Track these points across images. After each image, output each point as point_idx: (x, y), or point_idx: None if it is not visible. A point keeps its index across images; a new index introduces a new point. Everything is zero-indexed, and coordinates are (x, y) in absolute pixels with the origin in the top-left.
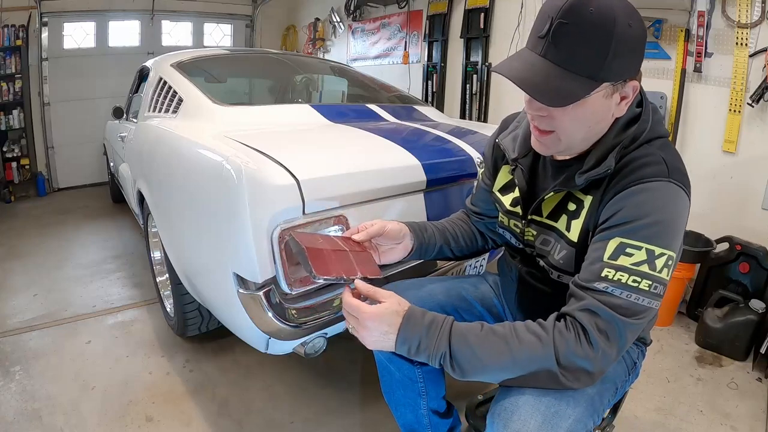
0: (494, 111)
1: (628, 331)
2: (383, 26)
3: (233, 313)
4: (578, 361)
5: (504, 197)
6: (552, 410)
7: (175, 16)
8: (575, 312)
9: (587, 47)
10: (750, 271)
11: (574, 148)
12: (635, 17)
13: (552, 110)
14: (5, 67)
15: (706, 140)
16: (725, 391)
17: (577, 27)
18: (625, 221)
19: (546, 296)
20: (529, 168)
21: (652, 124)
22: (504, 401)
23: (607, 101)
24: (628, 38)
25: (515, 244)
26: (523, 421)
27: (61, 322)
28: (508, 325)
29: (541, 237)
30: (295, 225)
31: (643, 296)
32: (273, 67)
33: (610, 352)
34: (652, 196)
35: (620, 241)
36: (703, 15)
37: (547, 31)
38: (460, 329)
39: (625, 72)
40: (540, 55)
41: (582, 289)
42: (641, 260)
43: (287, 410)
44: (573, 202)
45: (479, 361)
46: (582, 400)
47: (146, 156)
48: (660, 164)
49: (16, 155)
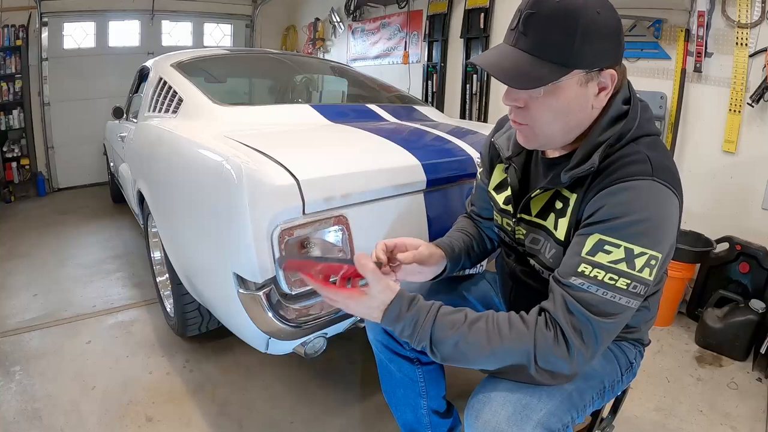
0: (494, 111)
1: (603, 331)
2: (383, 26)
3: (233, 313)
4: (554, 360)
5: (498, 196)
6: (523, 402)
7: (175, 16)
8: (552, 309)
9: (554, 34)
10: (750, 271)
11: (555, 141)
12: (606, 6)
13: (527, 101)
14: (5, 67)
15: (706, 140)
16: (725, 391)
17: (543, 15)
18: (606, 219)
19: (540, 295)
20: (521, 166)
21: (640, 122)
22: (479, 395)
23: (582, 90)
24: (597, 25)
25: (509, 242)
26: (493, 412)
27: (61, 322)
28: (492, 317)
29: (531, 236)
30: (295, 225)
31: (620, 295)
32: (273, 67)
33: (584, 352)
34: (635, 195)
35: (599, 237)
36: (703, 15)
37: (517, 23)
38: (443, 323)
39: (598, 60)
40: (512, 45)
41: (559, 284)
42: (619, 258)
43: (287, 410)
44: (560, 200)
45: (461, 354)
46: (557, 394)
47: (146, 156)
48: (645, 163)
49: (16, 155)
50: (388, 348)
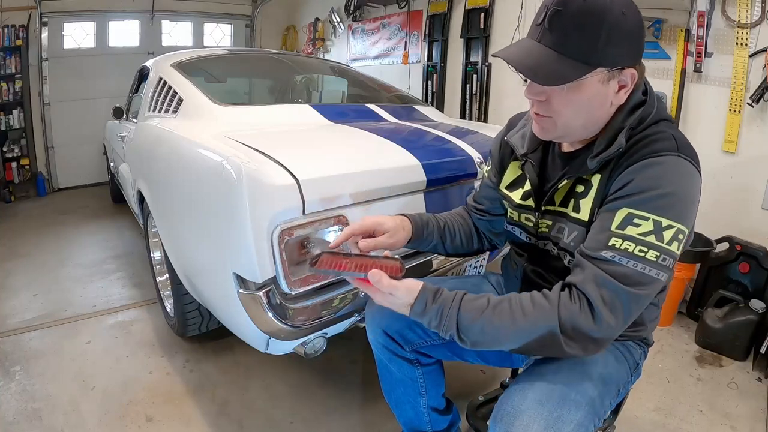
0: (494, 111)
1: (633, 303)
2: (383, 26)
3: (233, 313)
4: (581, 329)
5: (512, 193)
6: (554, 415)
7: (175, 16)
8: (580, 283)
9: (580, 32)
10: (750, 271)
11: (574, 134)
12: (631, 7)
13: (550, 95)
14: (5, 67)
15: (706, 140)
16: (725, 391)
17: (570, 13)
18: (634, 192)
19: None
20: (539, 162)
21: (658, 109)
22: (506, 405)
23: (603, 87)
24: (621, 26)
25: (525, 239)
26: (525, 426)
27: (61, 322)
28: (515, 298)
29: (557, 226)
30: (295, 225)
31: (650, 266)
32: (273, 67)
33: (614, 323)
34: (662, 169)
35: (628, 211)
36: (703, 15)
37: (542, 19)
38: (467, 310)
39: (620, 59)
40: (536, 41)
41: (588, 258)
42: (648, 230)
43: (287, 410)
44: (581, 184)
45: (488, 337)
46: (584, 403)
47: (146, 156)
48: (669, 140)
49: (16, 155)
50: (387, 349)
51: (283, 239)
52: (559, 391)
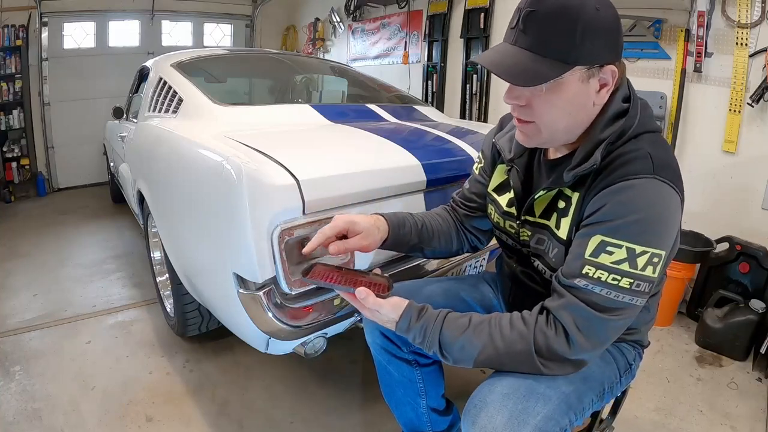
0: (494, 111)
1: (608, 329)
2: (383, 26)
3: (233, 313)
4: (558, 354)
5: (500, 198)
6: (519, 407)
7: (175, 16)
8: (555, 309)
9: (554, 30)
10: (750, 271)
11: (558, 139)
12: (604, 3)
13: (530, 98)
14: (5, 67)
15: (706, 140)
16: (725, 391)
17: (543, 13)
18: (608, 219)
19: (540, 296)
20: (524, 168)
21: (641, 119)
22: (475, 398)
23: (584, 86)
24: (596, 22)
25: (512, 245)
26: (489, 417)
27: (61, 322)
28: (495, 319)
29: (536, 237)
30: (295, 225)
31: (623, 293)
32: (273, 67)
33: (589, 347)
34: (636, 193)
35: (601, 239)
36: (703, 15)
37: (517, 21)
38: (449, 329)
39: (598, 56)
40: (512, 44)
41: (563, 286)
42: (621, 258)
43: (287, 410)
44: (562, 199)
45: (468, 356)
46: (554, 397)
47: (146, 156)
48: (645, 159)
49: (16, 155)
50: (386, 350)
51: (283, 239)
52: (527, 385)
